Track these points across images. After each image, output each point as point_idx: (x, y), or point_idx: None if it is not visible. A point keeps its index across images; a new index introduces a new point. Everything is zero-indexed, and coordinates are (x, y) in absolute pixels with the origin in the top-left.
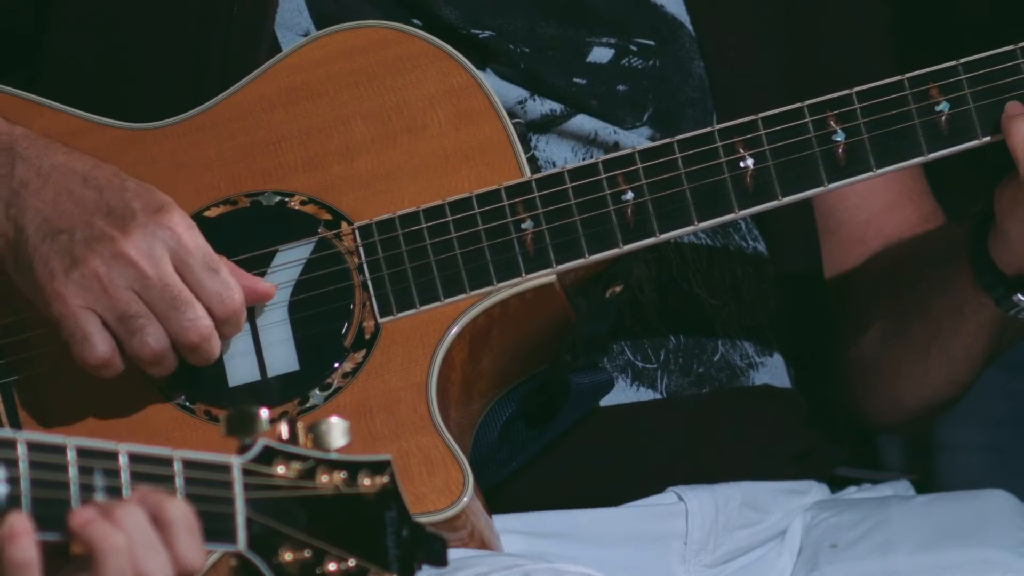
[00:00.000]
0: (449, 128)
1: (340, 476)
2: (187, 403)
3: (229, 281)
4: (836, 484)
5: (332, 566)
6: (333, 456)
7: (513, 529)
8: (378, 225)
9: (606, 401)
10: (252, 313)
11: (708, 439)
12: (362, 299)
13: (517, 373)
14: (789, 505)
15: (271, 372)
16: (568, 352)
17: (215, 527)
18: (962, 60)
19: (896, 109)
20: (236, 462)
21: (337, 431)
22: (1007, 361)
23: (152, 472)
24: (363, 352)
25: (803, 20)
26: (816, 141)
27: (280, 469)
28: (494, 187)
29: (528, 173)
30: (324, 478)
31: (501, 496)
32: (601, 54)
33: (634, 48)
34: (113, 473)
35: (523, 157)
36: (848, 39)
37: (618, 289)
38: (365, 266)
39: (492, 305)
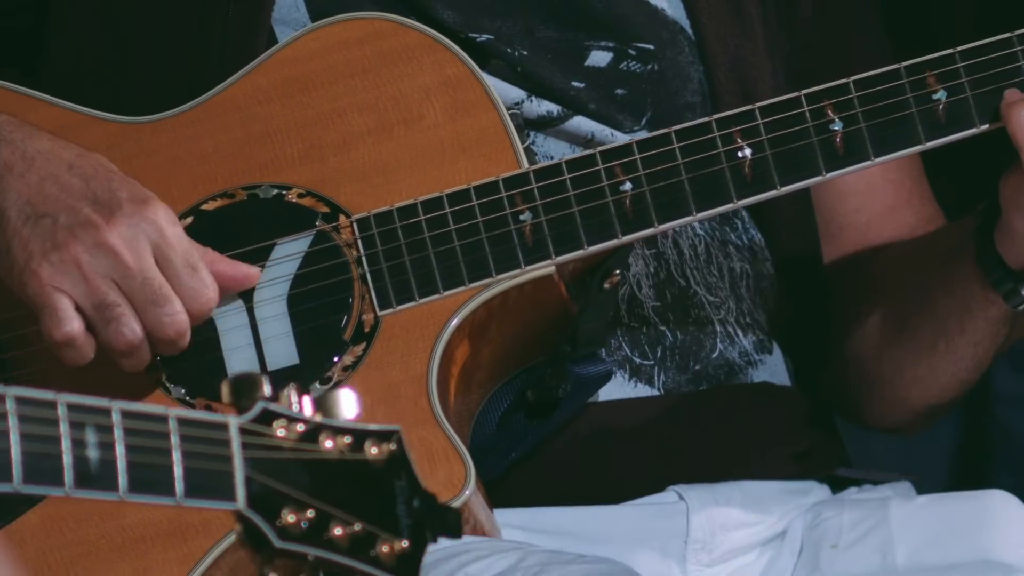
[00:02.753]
0: (445, 119)
1: (344, 441)
2: (188, 397)
3: (207, 280)
4: (837, 485)
5: (338, 530)
6: (336, 422)
7: (512, 524)
8: (376, 218)
9: (604, 396)
10: (251, 307)
11: (707, 437)
12: (361, 292)
13: (516, 364)
14: (790, 505)
15: (271, 366)
16: (567, 343)
17: (213, 484)
18: (959, 48)
19: (893, 98)
20: (233, 421)
21: (346, 402)
22: None
23: (146, 428)
24: (363, 345)
25: (803, 24)
26: (814, 130)
27: (280, 432)
28: (492, 179)
29: (526, 164)
30: (328, 443)
31: (500, 491)
32: (600, 58)
33: (633, 52)
34: (106, 429)
35: (520, 148)
36: (849, 44)
37: (616, 279)
38: (364, 259)
39: (491, 297)
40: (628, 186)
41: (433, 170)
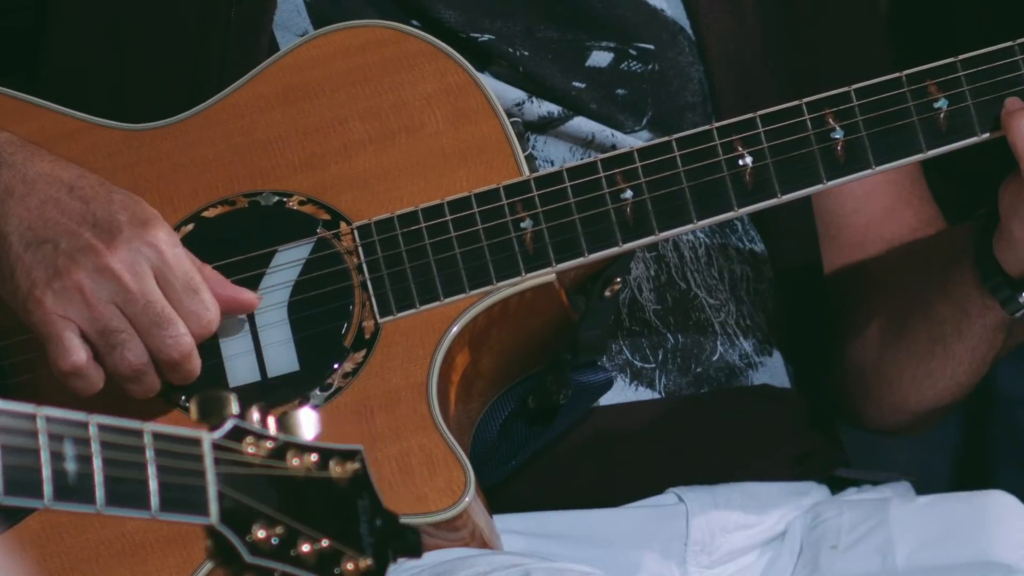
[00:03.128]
0: (447, 127)
1: (311, 459)
2: (187, 404)
3: (207, 301)
4: (836, 485)
5: (306, 547)
6: (303, 441)
7: (513, 529)
8: (377, 225)
9: (605, 400)
10: (252, 314)
11: (707, 439)
12: (362, 299)
13: (517, 372)
14: (789, 506)
15: (271, 373)
16: (567, 351)
17: (187, 499)
18: (960, 57)
19: (894, 106)
20: (206, 437)
21: (306, 422)
22: None
23: (122, 442)
24: (363, 352)
25: (803, 24)
26: (815, 139)
27: (250, 449)
28: (493, 186)
29: (527, 172)
30: (295, 460)
31: (501, 496)
32: (600, 58)
33: (633, 52)
34: (83, 442)
35: (521, 156)
36: (848, 43)
37: (617, 287)
38: (364, 266)
39: (492, 304)
40: (629, 194)
41: (434, 178)
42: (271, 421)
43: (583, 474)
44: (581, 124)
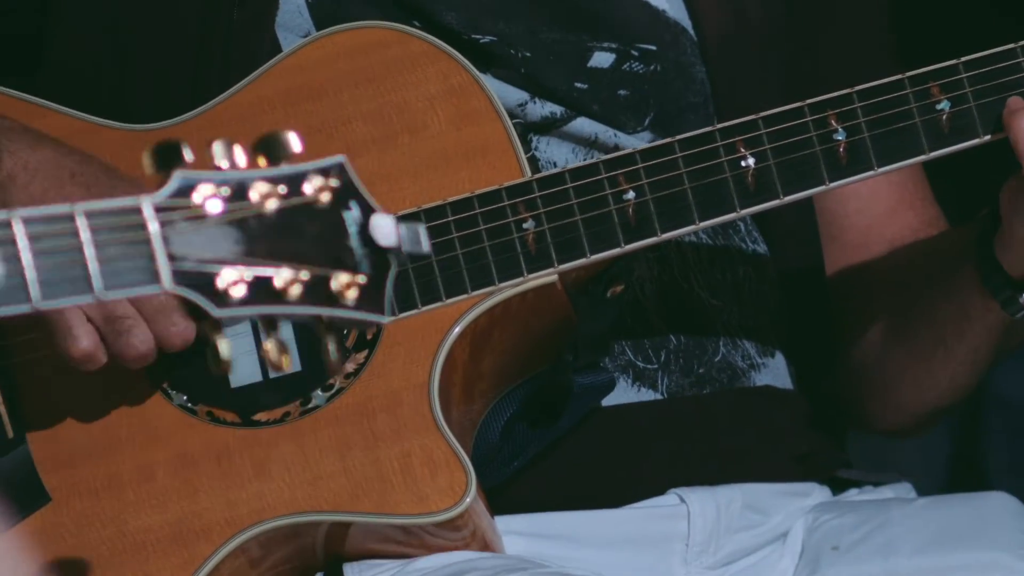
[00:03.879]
0: (450, 128)
1: (278, 190)
2: (189, 404)
3: None
4: (837, 486)
5: (282, 283)
6: (268, 171)
7: (514, 530)
8: None
9: (607, 401)
10: None
11: (709, 440)
12: None
13: (519, 373)
14: (791, 507)
15: (273, 373)
16: (569, 352)
17: (133, 270)
18: (963, 59)
19: (897, 108)
20: (146, 201)
21: (290, 139)
22: None
23: (52, 231)
24: (365, 352)
25: (805, 25)
26: (817, 140)
27: (201, 199)
28: (495, 187)
29: (529, 173)
30: (258, 195)
31: (502, 497)
32: (602, 59)
33: (635, 53)
34: (8, 242)
35: (524, 157)
36: (851, 45)
37: (619, 288)
38: None
39: (494, 305)
40: (631, 195)
41: (437, 179)
42: (239, 153)
43: (585, 475)
44: (583, 125)
